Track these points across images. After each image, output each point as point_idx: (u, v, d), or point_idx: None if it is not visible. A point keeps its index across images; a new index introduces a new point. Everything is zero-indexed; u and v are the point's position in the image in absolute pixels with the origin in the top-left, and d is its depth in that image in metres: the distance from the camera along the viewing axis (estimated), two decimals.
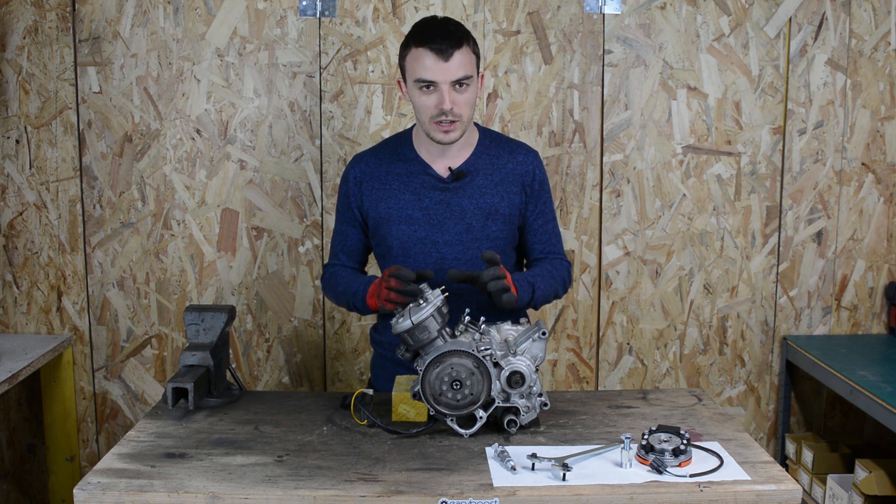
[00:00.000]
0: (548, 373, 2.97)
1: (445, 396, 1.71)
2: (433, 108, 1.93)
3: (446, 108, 1.91)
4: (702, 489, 1.51)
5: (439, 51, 1.89)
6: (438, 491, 1.50)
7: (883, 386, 2.46)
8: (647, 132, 2.87)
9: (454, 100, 1.92)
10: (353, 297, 2.01)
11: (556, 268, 2.09)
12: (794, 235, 2.95)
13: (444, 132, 1.95)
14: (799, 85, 2.88)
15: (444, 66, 1.89)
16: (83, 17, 2.76)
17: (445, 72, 1.90)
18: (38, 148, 2.82)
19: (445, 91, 1.91)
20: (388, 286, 1.80)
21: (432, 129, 1.96)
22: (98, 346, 2.91)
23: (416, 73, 1.92)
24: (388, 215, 2.04)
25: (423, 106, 1.94)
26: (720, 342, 2.98)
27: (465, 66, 1.91)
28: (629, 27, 2.83)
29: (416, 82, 1.92)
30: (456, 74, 1.90)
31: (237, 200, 2.85)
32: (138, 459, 1.63)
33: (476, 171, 2.05)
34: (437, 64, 1.89)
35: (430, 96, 1.92)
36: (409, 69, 1.95)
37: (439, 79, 1.90)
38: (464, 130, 1.98)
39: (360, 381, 2.94)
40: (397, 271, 1.81)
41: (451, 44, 1.89)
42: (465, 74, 1.91)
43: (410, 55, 1.94)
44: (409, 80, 1.96)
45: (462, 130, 1.97)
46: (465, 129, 1.98)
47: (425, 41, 1.91)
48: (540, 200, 2.11)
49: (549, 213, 2.13)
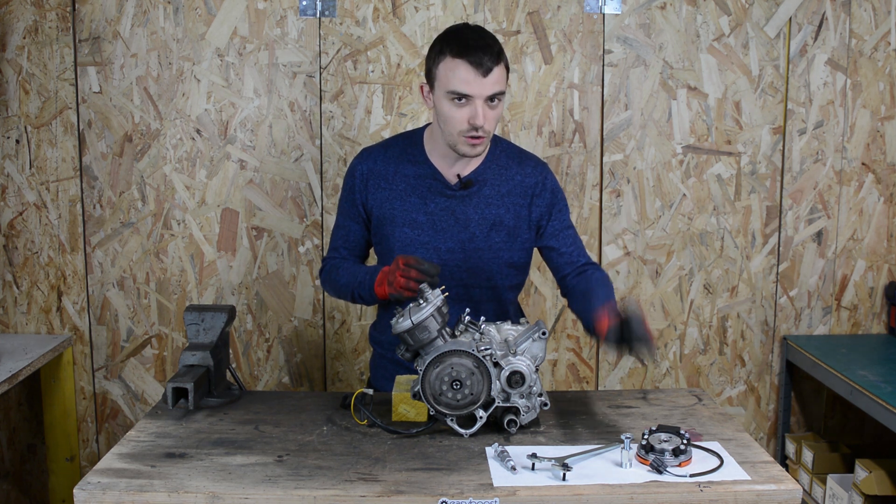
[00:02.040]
0: (548, 373, 2.97)
1: (445, 396, 1.71)
2: (464, 121, 1.89)
3: (479, 123, 1.88)
4: (702, 489, 1.51)
5: (478, 65, 1.85)
6: (438, 491, 1.50)
7: (883, 386, 2.46)
8: (647, 132, 2.87)
9: (486, 115, 1.89)
10: (360, 286, 1.99)
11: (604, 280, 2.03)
12: (794, 235, 2.95)
13: (471, 146, 1.92)
14: (799, 85, 2.88)
15: (481, 82, 1.86)
16: (83, 16, 2.77)
17: (482, 87, 1.86)
18: (38, 148, 2.82)
19: (479, 106, 1.87)
20: (408, 276, 1.79)
21: (460, 141, 1.92)
22: (98, 345, 2.91)
23: (451, 86, 1.87)
24: (391, 216, 2.04)
25: (453, 118, 1.90)
26: (720, 342, 2.98)
27: (500, 82, 1.88)
28: (629, 27, 2.83)
29: (450, 94, 1.88)
30: (492, 90, 1.87)
31: (237, 200, 2.85)
32: (138, 459, 1.63)
33: (484, 180, 2.04)
34: (475, 79, 1.85)
35: (463, 109, 1.88)
36: (441, 78, 1.90)
37: (475, 93, 1.86)
38: (487, 145, 1.98)
39: (360, 381, 2.94)
40: (418, 265, 1.79)
41: (490, 59, 1.86)
42: (500, 90, 1.89)
43: (445, 64, 1.88)
44: (439, 89, 1.91)
45: (486, 145, 1.97)
46: (488, 144, 1.98)
47: (464, 53, 1.86)
48: (555, 207, 2.08)
49: (565, 219, 2.10)
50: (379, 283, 1.92)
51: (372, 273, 1.97)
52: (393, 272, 1.85)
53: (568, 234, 2.09)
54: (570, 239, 2.09)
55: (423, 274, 1.79)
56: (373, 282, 1.94)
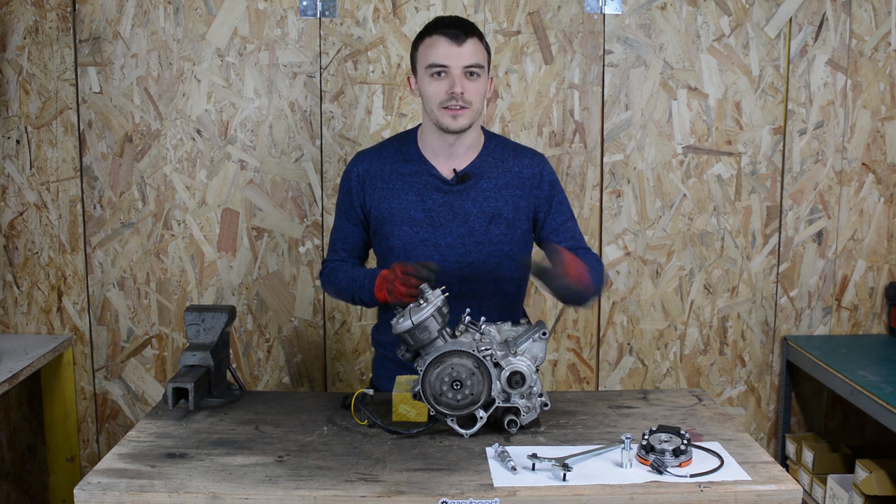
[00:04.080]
0: (548, 373, 2.97)
1: (446, 396, 1.71)
2: (444, 93, 1.93)
3: (457, 91, 1.92)
4: (702, 489, 1.51)
5: (453, 36, 1.92)
6: (439, 491, 1.50)
7: (883, 386, 2.46)
8: (648, 132, 2.87)
9: (465, 86, 1.93)
10: (359, 290, 1.99)
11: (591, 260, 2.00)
12: (794, 235, 2.95)
13: (452, 117, 1.95)
14: (799, 85, 2.88)
15: (457, 51, 1.92)
16: (83, 17, 2.77)
17: (458, 56, 1.92)
18: (38, 148, 2.83)
19: (457, 76, 1.92)
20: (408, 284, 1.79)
21: (441, 114, 1.95)
22: (98, 346, 2.91)
23: (429, 59, 1.94)
24: (390, 215, 2.04)
25: (433, 93, 1.95)
26: (720, 342, 2.98)
27: (476, 54, 1.94)
28: (629, 27, 2.83)
29: (429, 68, 1.94)
30: (468, 60, 1.93)
31: (237, 200, 2.85)
32: (139, 459, 1.63)
33: (481, 173, 2.04)
34: (450, 49, 1.92)
35: (442, 82, 1.94)
36: (421, 58, 1.97)
37: (452, 63, 1.92)
38: (472, 120, 1.97)
39: (361, 382, 2.94)
40: (416, 272, 1.79)
41: (464, 31, 1.93)
42: (476, 62, 1.94)
43: (423, 44, 1.96)
44: (420, 69, 1.97)
45: (471, 120, 1.97)
46: (473, 120, 1.97)
47: (439, 28, 1.95)
48: (554, 199, 2.09)
49: (566, 211, 2.11)
50: (378, 288, 1.92)
51: (370, 277, 1.97)
52: (392, 281, 1.84)
53: (567, 227, 2.11)
54: (569, 232, 2.10)
55: (422, 279, 1.80)
56: (372, 286, 1.95)
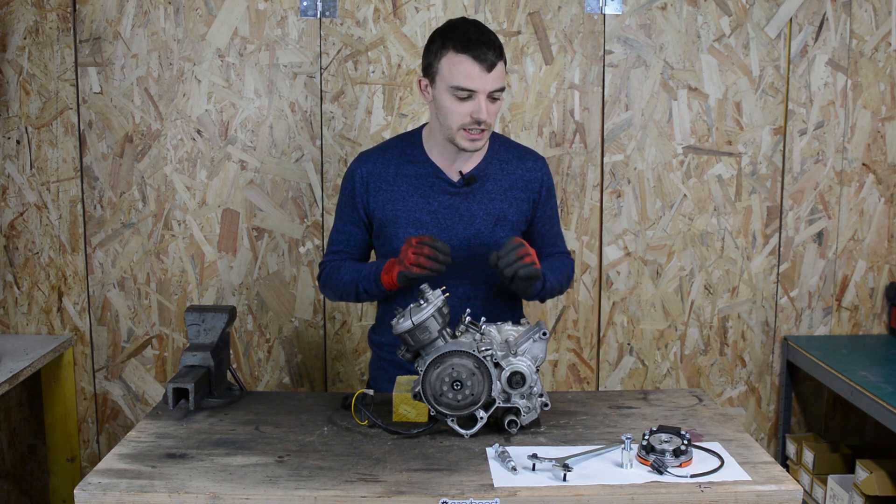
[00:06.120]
0: (548, 373, 2.97)
1: (446, 397, 1.71)
2: (466, 116, 1.90)
3: (482, 118, 1.89)
4: (702, 490, 1.51)
5: (483, 60, 1.86)
6: (439, 491, 1.50)
7: (884, 386, 2.46)
8: (648, 132, 2.87)
9: (488, 110, 1.90)
10: (366, 279, 2.00)
11: (562, 263, 2.13)
12: (794, 236, 2.95)
13: (471, 140, 1.94)
14: (799, 85, 2.88)
15: (485, 77, 1.87)
16: (84, 17, 2.77)
17: (485, 82, 1.88)
18: (38, 148, 2.83)
19: (482, 101, 1.89)
20: (420, 252, 1.82)
21: (459, 136, 1.93)
22: (99, 346, 2.91)
23: (455, 81, 1.88)
24: (395, 217, 2.03)
25: (455, 113, 1.91)
26: (721, 343, 2.98)
27: (502, 78, 1.91)
28: (630, 27, 2.83)
29: (453, 88, 1.89)
30: (494, 85, 1.89)
31: (238, 201, 2.85)
32: (139, 460, 1.63)
33: (486, 176, 2.05)
34: (480, 74, 1.87)
35: (465, 104, 1.90)
36: (444, 73, 1.90)
37: (479, 88, 1.88)
38: (487, 139, 1.98)
39: (361, 382, 2.94)
40: (432, 242, 1.83)
41: (494, 54, 1.88)
42: (502, 86, 1.91)
43: (448, 59, 1.89)
44: (441, 83, 1.91)
45: (486, 140, 1.98)
46: (487, 139, 1.99)
47: (468, 48, 1.87)
48: (548, 206, 2.13)
49: (554, 217, 2.17)
50: (386, 270, 1.93)
51: (378, 264, 1.99)
52: (405, 250, 1.87)
53: (553, 233, 2.16)
54: (553, 239, 2.16)
55: (436, 251, 1.82)
56: (379, 272, 1.96)
